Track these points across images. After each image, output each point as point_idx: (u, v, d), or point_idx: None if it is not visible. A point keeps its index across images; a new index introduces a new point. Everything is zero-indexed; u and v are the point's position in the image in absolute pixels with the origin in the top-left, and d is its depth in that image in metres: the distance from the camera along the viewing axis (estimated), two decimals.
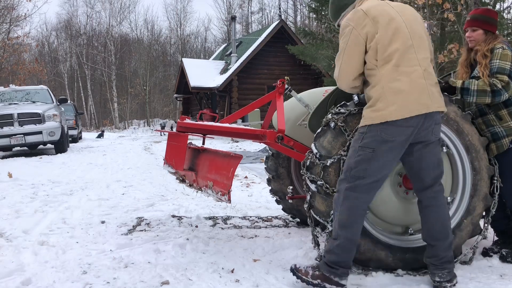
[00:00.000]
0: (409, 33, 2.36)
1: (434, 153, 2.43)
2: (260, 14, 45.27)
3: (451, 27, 12.51)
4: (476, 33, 2.94)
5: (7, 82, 17.80)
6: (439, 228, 2.45)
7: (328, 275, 2.36)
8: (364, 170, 2.32)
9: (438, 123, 2.40)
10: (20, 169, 7.50)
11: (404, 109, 2.27)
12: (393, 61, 2.30)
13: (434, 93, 2.36)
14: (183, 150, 3.17)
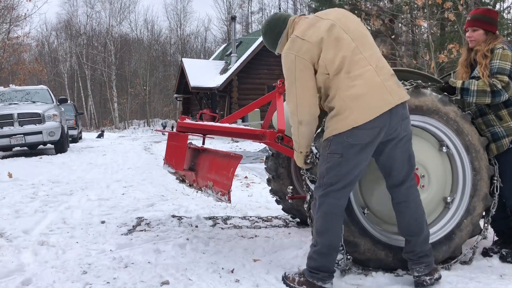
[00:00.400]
0: (350, 37, 2.36)
1: (406, 149, 2.42)
2: (260, 14, 45.25)
3: (451, 27, 12.52)
4: (476, 33, 2.94)
5: (7, 82, 17.79)
6: (414, 223, 2.46)
7: (311, 280, 2.40)
8: (335, 175, 2.34)
9: (406, 118, 2.38)
10: (20, 169, 7.50)
11: (367, 112, 2.27)
12: (344, 69, 2.31)
13: (392, 86, 2.33)
14: (183, 150, 3.17)
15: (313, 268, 2.41)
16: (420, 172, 2.73)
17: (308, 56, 2.34)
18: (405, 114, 2.38)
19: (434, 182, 2.77)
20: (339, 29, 2.37)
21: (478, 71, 2.84)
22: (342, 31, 2.37)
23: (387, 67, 2.41)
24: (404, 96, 2.38)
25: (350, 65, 2.31)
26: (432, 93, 2.74)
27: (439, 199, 2.83)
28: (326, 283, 2.40)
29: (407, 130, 2.40)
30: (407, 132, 2.40)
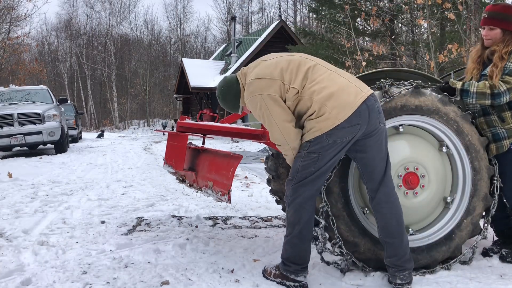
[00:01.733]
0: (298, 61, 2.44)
1: (383, 143, 2.43)
2: (260, 14, 45.29)
3: (451, 27, 12.52)
4: (493, 32, 2.83)
5: (7, 82, 17.80)
6: (395, 224, 2.43)
7: (285, 273, 2.48)
8: (309, 171, 2.39)
9: (381, 111, 2.42)
10: (20, 169, 7.50)
11: (345, 108, 2.30)
12: (308, 79, 2.38)
13: (357, 82, 2.42)
14: (183, 150, 3.17)
15: (286, 260, 2.48)
16: (420, 172, 2.73)
17: (272, 90, 2.38)
18: (379, 107, 2.42)
19: (434, 182, 2.77)
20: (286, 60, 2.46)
21: (489, 71, 2.79)
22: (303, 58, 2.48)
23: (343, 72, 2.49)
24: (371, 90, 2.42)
25: (313, 74, 2.39)
26: (432, 93, 2.74)
27: (439, 199, 2.83)
28: (299, 276, 2.46)
29: (383, 123, 2.43)
30: (384, 124, 2.43)
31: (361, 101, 2.31)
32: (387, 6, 12.84)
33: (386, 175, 2.44)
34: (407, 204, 2.73)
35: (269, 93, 2.38)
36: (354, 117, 2.30)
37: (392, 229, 2.44)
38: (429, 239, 2.76)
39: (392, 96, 2.64)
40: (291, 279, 2.46)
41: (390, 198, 2.44)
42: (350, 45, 10.65)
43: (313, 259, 2.89)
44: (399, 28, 16.53)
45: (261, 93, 2.39)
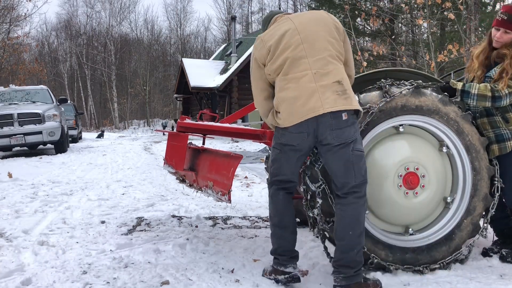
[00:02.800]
0: (301, 39, 2.39)
1: (341, 157, 2.34)
2: (260, 14, 45.24)
3: (451, 27, 12.52)
4: (507, 36, 2.75)
5: (7, 82, 17.79)
6: (340, 227, 2.38)
7: (276, 267, 2.51)
8: (278, 168, 2.49)
9: (337, 128, 2.30)
10: (20, 169, 7.50)
11: (290, 116, 2.33)
12: (283, 71, 2.39)
13: (326, 94, 2.29)
14: (183, 150, 3.17)
15: (273, 253, 2.54)
16: (421, 172, 2.73)
17: (258, 56, 2.49)
18: (336, 125, 2.30)
19: (434, 182, 2.76)
20: (293, 33, 2.41)
21: (497, 75, 2.76)
22: (295, 35, 2.40)
23: (333, 74, 2.34)
24: (338, 106, 2.29)
25: (290, 67, 2.38)
26: (432, 93, 2.73)
27: (439, 199, 2.83)
28: (288, 268, 2.47)
29: (341, 139, 2.31)
30: (341, 141, 2.31)
31: (311, 116, 2.29)
32: (387, 6, 12.84)
33: (345, 186, 2.36)
34: (407, 204, 2.73)
35: (257, 57, 2.50)
36: (299, 126, 2.33)
37: (337, 232, 2.40)
38: (429, 239, 2.76)
39: (393, 96, 2.64)
40: (281, 272, 2.48)
41: (346, 209, 2.37)
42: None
43: (312, 259, 2.90)
44: (399, 28, 16.53)
45: (253, 53, 2.54)
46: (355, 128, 2.37)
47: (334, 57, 2.40)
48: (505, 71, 2.73)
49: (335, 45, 2.42)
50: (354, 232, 2.35)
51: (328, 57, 2.38)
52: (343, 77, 2.37)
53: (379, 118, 2.63)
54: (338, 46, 2.44)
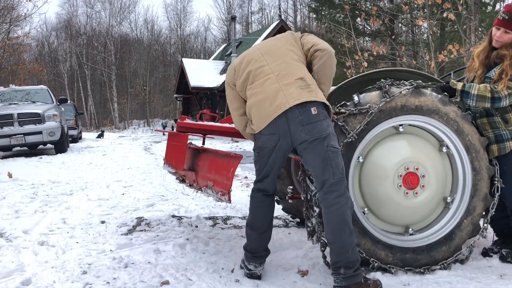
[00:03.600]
0: (262, 53, 2.57)
1: (317, 153, 2.35)
2: (260, 14, 45.26)
3: (451, 27, 12.52)
4: (507, 36, 2.76)
5: (7, 82, 17.79)
6: (329, 231, 2.37)
7: (244, 259, 2.67)
8: (257, 170, 2.61)
9: (308, 123, 2.33)
10: (20, 169, 7.50)
11: (261, 119, 2.43)
12: (249, 81, 2.55)
13: (290, 90, 2.38)
14: (183, 150, 3.17)
15: (243, 247, 2.68)
16: (420, 172, 2.73)
17: (229, 78, 2.70)
18: (306, 119, 2.34)
19: (434, 182, 2.76)
20: (254, 50, 2.63)
21: (496, 76, 2.76)
22: (256, 51, 2.61)
23: (294, 73, 2.44)
24: (303, 98, 2.33)
25: (254, 77, 2.52)
26: (432, 93, 2.74)
27: (439, 199, 2.83)
28: (250, 264, 2.61)
29: (314, 134, 2.34)
30: (315, 136, 2.34)
31: (279, 113, 2.35)
32: (387, 6, 12.84)
33: (324, 183, 2.36)
34: (407, 204, 2.73)
35: (226, 80, 2.72)
36: (271, 127, 2.41)
37: (327, 234, 2.40)
38: (429, 239, 2.76)
39: (393, 96, 2.64)
40: (245, 265, 2.64)
41: (326, 205, 2.38)
42: (350, 45, 10.65)
43: (313, 259, 2.90)
44: (399, 28, 16.53)
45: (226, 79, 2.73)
46: (327, 123, 2.39)
47: (295, 60, 2.52)
48: (504, 72, 2.73)
49: (295, 51, 2.57)
50: (343, 233, 2.35)
51: (289, 59, 2.51)
52: (305, 75, 2.45)
53: (379, 118, 2.63)
54: (299, 51, 2.57)
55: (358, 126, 2.60)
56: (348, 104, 2.67)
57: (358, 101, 2.63)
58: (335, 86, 3.20)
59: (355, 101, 2.65)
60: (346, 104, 2.68)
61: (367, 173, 2.73)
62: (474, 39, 8.05)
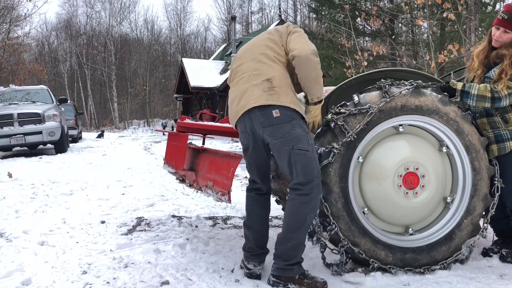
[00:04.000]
0: (245, 50, 2.63)
1: (282, 155, 2.40)
2: (260, 14, 45.26)
3: (451, 27, 12.52)
4: (507, 36, 2.75)
5: (7, 82, 17.79)
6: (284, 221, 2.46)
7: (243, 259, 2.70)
8: (247, 168, 2.68)
9: (268, 126, 2.37)
10: (20, 169, 7.50)
11: (231, 118, 2.57)
12: (231, 79, 2.66)
13: (254, 91, 2.41)
14: (183, 150, 3.17)
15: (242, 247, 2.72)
16: (420, 172, 2.73)
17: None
18: (267, 122, 2.38)
19: (434, 182, 2.76)
20: (242, 47, 2.68)
21: (496, 76, 2.76)
22: (242, 49, 2.66)
23: (264, 73, 2.44)
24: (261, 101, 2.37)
25: (234, 75, 2.62)
26: (432, 93, 2.73)
27: (439, 199, 2.83)
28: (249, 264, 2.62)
29: (276, 137, 2.38)
30: (277, 139, 2.38)
31: (241, 113, 2.45)
32: (387, 6, 12.84)
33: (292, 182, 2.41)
34: (407, 204, 2.73)
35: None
36: (240, 125, 2.52)
37: (283, 223, 2.49)
38: (429, 239, 2.76)
39: (393, 96, 2.64)
40: (244, 265, 2.66)
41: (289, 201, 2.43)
42: (350, 45, 10.65)
43: (313, 259, 2.90)
44: (399, 28, 16.53)
45: None
46: (292, 125, 2.38)
47: (270, 58, 2.50)
48: (504, 71, 2.73)
49: (275, 48, 2.53)
50: (291, 226, 2.41)
51: (264, 58, 2.50)
52: (275, 76, 2.43)
53: (379, 118, 2.63)
54: (278, 49, 2.52)
55: (357, 126, 2.60)
56: (348, 104, 2.67)
57: (358, 101, 2.63)
58: (335, 86, 3.20)
59: (355, 101, 2.65)
60: (346, 104, 2.68)
61: (367, 173, 2.73)
62: (474, 39, 8.05)
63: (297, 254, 2.45)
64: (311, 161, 2.39)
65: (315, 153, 2.44)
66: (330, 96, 3.15)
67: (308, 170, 2.38)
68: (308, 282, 2.41)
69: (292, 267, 2.43)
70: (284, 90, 2.41)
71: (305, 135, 2.41)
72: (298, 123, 2.41)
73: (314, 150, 2.44)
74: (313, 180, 2.39)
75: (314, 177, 2.39)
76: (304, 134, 2.41)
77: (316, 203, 2.42)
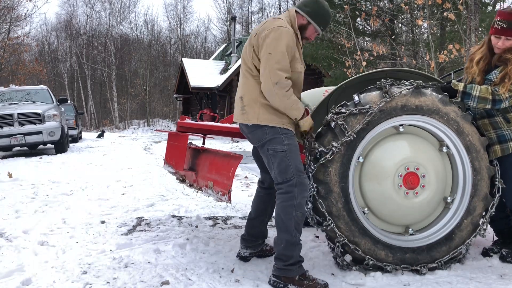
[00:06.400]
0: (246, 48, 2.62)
1: (263, 157, 2.61)
2: (260, 14, 45.22)
3: (451, 27, 12.51)
4: (509, 42, 2.71)
5: (7, 82, 17.79)
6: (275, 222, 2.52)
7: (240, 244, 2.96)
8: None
9: (249, 132, 2.59)
10: (20, 169, 7.50)
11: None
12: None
13: (237, 107, 2.63)
14: (183, 150, 3.17)
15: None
16: (421, 172, 2.73)
17: None
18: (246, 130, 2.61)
19: (434, 182, 2.76)
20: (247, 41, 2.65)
21: (498, 79, 2.75)
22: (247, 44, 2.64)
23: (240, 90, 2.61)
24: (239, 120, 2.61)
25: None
26: (432, 93, 2.73)
27: (439, 199, 2.83)
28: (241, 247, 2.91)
29: (254, 141, 2.61)
30: (256, 143, 2.61)
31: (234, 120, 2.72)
32: (387, 6, 12.84)
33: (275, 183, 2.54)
34: (407, 204, 2.73)
35: None
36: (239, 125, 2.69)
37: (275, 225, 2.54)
38: (429, 239, 2.76)
39: (393, 96, 2.64)
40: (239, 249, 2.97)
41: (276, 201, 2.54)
42: (350, 45, 10.64)
43: (313, 259, 2.91)
44: (399, 28, 16.53)
45: None
46: (264, 131, 2.52)
47: (244, 73, 2.62)
48: (507, 76, 2.71)
49: (249, 59, 2.57)
50: (280, 228, 2.49)
51: (243, 71, 2.63)
52: (244, 94, 2.58)
53: (379, 118, 2.63)
54: (252, 60, 2.55)
55: (357, 125, 2.60)
56: (348, 104, 2.67)
57: (358, 101, 2.63)
58: (335, 86, 3.20)
59: (355, 101, 2.65)
60: (347, 104, 2.68)
61: (367, 173, 2.73)
62: (474, 39, 8.04)
63: (293, 254, 2.46)
64: (286, 161, 2.47)
65: (292, 153, 2.48)
66: (330, 96, 3.15)
67: (283, 169, 2.47)
68: (308, 283, 2.42)
69: (291, 268, 2.44)
70: (251, 108, 2.54)
71: (279, 137, 2.49)
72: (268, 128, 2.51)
73: (291, 151, 2.48)
74: (291, 179, 2.45)
75: (292, 176, 2.45)
76: (278, 136, 2.49)
77: (301, 201, 2.46)
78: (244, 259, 2.89)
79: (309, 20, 2.62)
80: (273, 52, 2.42)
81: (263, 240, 2.98)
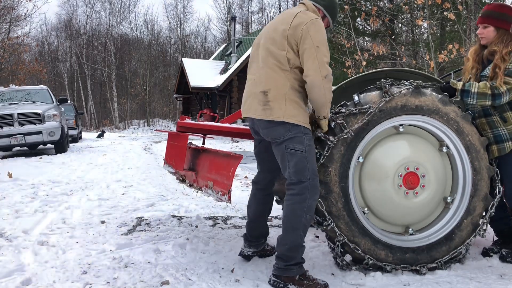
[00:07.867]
0: (258, 43, 2.59)
1: (277, 153, 2.53)
2: (260, 14, 45.22)
3: (451, 27, 12.52)
4: (486, 30, 2.89)
5: (7, 82, 17.79)
6: (283, 221, 2.49)
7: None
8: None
9: (266, 128, 2.49)
10: (20, 169, 7.50)
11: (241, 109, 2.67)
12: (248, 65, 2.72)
13: (254, 101, 2.50)
14: (183, 150, 3.17)
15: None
16: (421, 172, 2.73)
17: None
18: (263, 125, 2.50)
19: (434, 182, 2.76)
20: (261, 34, 2.61)
21: (490, 72, 2.80)
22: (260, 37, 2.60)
23: (263, 84, 2.47)
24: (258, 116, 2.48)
25: (249, 69, 2.66)
26: (432, 93, 2.74)
27: (439, 199, 2.83)
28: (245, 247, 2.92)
29: (271, 138, 2.51)
30: (273, 139, 2.50)
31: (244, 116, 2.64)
32: (387, 6, 12.84)
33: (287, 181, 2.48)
34: (407, 204, 2.73)
35: None
36: (248, 120, 2.65)
37: (282, 225, 2.50)
38: (429, 239, 2.76)
39: (393, 96, 2.64)
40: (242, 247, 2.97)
41: (287, 201, 2.47)
42: (350, 45, 10.64)
43: (313, 259, 2.91)
44: (399, 28, 16.53)
45: None
46: (286, 128, 2.42)
47: (272, 65, 2.45)
48: (497, 66, 2.78)
49: (281, 52, 2.43)
50: (287, 228, 2.46)
51: (266, 67, 2.48)
52: (271, 88, 2.44)
53: (379, 118, 2.63)
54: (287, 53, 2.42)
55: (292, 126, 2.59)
56: (348, 104, 2.67)
57: (358, 101, 2.63)
58: (335, 86, 3.20)
59: (355, 101, 2.65)
60: (346, 104, 2.68)
61: (367, 173, 2.73)
62: (474, 39, 8.05)
63: (296, 256, 2.46)
64: (304, 162, 2.41)
65: (311, 155, 2.44)
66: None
67: (300, 169, 2.41)
68: (308, 283, 2.42)
69: (291, 268, 2.45)
70: (278, 103, 2.42)
71: (301, 136, 2.43)
72: (291, 126, 2.43)
73: (310, 153, 2.44)
74: (305, 181, 2.41)
75: (307, 178, 2.41)
76: (300, 135, 2.43)
77: (311, 205, 2.43)
78: (246, 258, 2.89)
79: (325, 13, 2.62)
80: (320, 45, 2.38)
81: (265, 238, 2.98)
